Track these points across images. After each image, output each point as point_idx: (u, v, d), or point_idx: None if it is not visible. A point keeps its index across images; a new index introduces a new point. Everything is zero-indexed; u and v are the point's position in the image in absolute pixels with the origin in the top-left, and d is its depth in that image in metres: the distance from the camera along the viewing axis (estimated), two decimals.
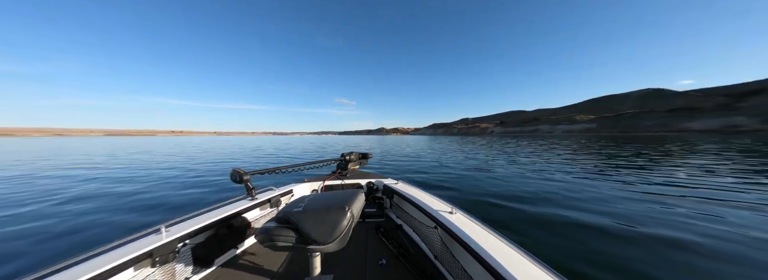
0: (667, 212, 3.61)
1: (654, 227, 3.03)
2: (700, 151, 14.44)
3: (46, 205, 4.27)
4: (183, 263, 1.36)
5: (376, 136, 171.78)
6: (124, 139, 79.97)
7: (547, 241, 2.74)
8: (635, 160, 10.09)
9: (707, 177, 6.24)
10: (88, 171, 8.12)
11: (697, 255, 2.42)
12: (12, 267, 2.35)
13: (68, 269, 0.96)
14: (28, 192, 5.17)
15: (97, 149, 21.19)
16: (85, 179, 6.77)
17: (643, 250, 2.52)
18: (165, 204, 4.32)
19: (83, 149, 20.26)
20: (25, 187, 5.69)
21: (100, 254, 1.07)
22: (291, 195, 2.35)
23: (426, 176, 6.97)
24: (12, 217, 3.69)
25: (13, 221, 3.53)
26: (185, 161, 11.10)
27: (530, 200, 4.23)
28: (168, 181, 6.37)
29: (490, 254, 1.02)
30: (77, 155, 14.87)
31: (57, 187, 5.69)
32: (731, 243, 2.65)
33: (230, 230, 1.65)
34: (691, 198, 4.34)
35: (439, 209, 1.59)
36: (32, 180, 6.56)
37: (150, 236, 1.26)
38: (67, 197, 4.81)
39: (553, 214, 3.54)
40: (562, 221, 3.27)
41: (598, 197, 4.37)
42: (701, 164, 8.56)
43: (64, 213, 3.82)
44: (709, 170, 7.29)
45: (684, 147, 18.13)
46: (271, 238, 1.04)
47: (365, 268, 1.53)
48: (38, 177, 7.06)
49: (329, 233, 1.03)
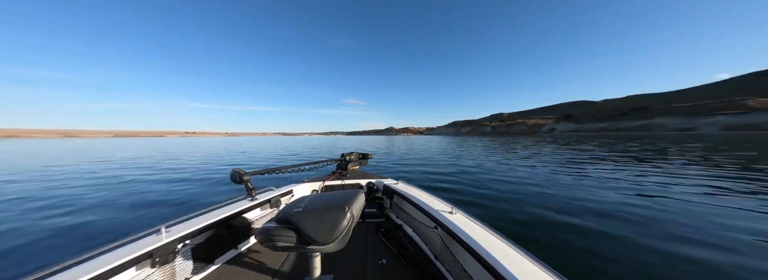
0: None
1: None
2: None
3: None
4: (183, 263, 1.36)
5: (384, 137, 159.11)
6: (135, 140, 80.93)
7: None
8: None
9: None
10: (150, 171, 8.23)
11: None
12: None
13: (68, 270, 0.96)
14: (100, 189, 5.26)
15: (123, 150, 20.94)
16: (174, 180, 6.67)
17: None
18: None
19: (128, 150, 19.97)
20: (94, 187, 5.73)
21: (100, 255, 1.07)
22: (291, 195, 2.35)
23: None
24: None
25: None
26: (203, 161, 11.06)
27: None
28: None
29: (490, 253, 1.02)
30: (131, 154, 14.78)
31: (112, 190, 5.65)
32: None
33: (230, 231, 1.65)
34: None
35: (439, 208, 1.59)
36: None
37: (150, 236, 1.26)
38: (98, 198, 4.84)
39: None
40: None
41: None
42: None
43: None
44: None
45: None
46: (271, 238, 1.04)
47: (365, 268, 1.53)
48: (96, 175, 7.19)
49: (329, 233, 1.03)
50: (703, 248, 2.58)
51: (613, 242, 2.71)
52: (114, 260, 1.05)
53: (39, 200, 4.59)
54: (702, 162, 8.97)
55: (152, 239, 1.23)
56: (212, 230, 1.56)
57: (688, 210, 3.70)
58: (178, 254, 1.32)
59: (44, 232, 3.14)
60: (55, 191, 5.36)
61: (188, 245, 1.39)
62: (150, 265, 1.19)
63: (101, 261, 1.03)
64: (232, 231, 1.66)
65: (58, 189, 5.51)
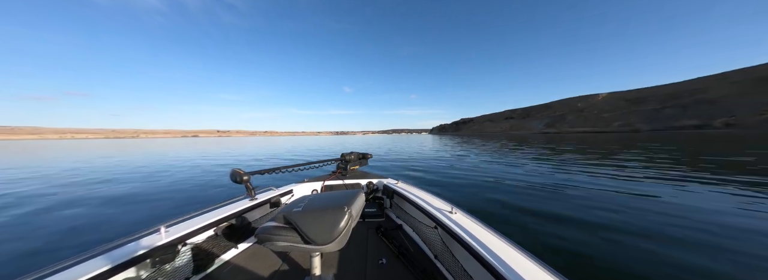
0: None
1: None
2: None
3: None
4: (183, 263, 1.36)
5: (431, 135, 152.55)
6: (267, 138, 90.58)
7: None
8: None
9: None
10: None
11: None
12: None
13: (68, 269, 0.96)
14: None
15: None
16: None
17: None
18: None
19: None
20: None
21: (99, 255, 1.07)
22: (291, 195, 2.35)
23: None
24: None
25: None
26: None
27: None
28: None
29: (490, 253, 1.02)
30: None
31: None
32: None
33: (230, 230, 1.65)
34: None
35: (440, 208, 1.59)
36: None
37: (149, 236, 1.26)
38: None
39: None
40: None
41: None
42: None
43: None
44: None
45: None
46: (270, 238, 1.04)
47: (365, 268, 1.53)
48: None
49: (329, 233, 1.03)
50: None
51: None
52: (114, 259, 1.05)
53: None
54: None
55: (152, 239, 1.23)
56: (212, 230, 1.56)
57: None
58: (178, 254, 1.32)
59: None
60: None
61: (188, 244, 1.39)
62: (150, 265, 1.19)
63: (101, 261, 1.03)
64: (232, 231, 1.66)
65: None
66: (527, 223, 3.17)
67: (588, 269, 2.16)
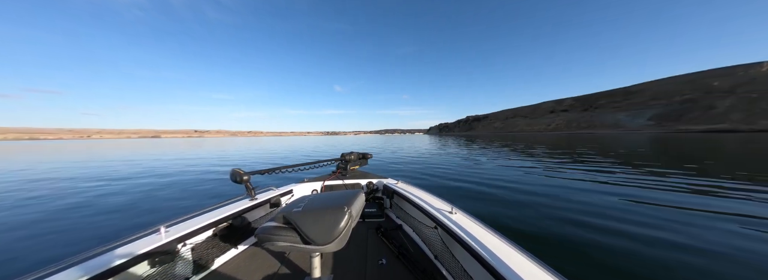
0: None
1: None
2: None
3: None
4: (182, 263, 1.36)
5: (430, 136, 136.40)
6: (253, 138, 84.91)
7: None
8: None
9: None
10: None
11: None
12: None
13: (68, 269, 0.96)
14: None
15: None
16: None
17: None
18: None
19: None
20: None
21: (99, 255, 1.07)
22: (291, 195, 2.35)
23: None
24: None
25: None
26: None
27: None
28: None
29: (490, 254, 1.02)
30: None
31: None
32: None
33: (230, 230, 1.65)
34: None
35: (440, 208, 1.59)
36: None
37: (149, 236, 1.25)
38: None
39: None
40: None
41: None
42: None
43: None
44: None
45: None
46: (270, 238, 1.03)
47: (365, 268, 1.52)
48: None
49: (329, 233, 1.03)
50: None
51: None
52: (113, 260, 1.05)
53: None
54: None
55: (152, 239, 1.22)
56: (212, 230, 1.55)
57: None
58: (178, 254, 1.32)
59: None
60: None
61: (188, 244, 1.39)
62: (150, 265, 1.19)
63: (100, 261, 1.03)
64: (232, 231, 1.66)
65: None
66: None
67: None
